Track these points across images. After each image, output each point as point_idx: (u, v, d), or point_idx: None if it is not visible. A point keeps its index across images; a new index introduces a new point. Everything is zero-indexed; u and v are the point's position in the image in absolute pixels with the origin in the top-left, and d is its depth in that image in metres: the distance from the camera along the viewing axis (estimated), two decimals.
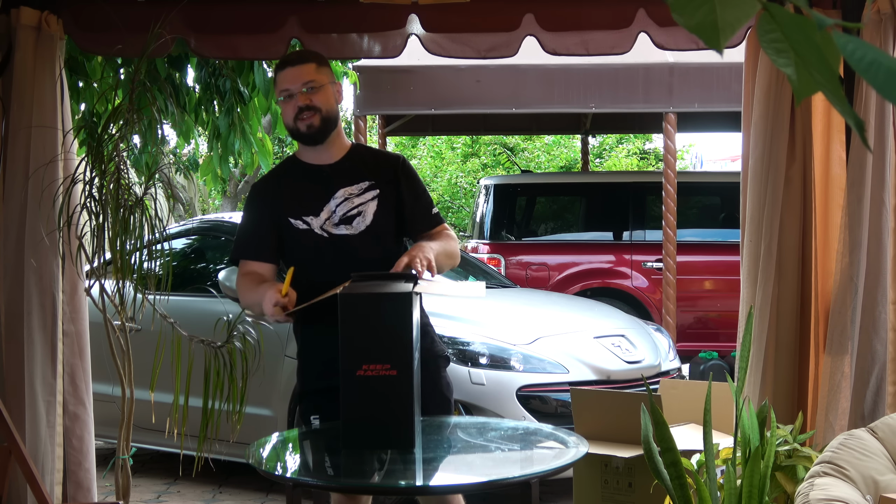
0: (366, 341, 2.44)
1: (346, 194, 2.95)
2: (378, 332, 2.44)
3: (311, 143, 2.98)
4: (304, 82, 2.92)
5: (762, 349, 3.48)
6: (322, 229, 2.92)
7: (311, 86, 2.92)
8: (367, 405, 2.45)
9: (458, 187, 18.71)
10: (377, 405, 2.44)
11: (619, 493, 3.65)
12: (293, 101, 2.92)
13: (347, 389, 2.45)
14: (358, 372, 2.43)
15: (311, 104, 2.92)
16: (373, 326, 2.44)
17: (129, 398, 3.56)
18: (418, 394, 2.49)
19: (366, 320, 2.44)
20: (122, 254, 3.38)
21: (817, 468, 2.61)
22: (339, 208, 2.93)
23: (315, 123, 2.93)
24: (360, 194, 2.96)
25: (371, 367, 2.43)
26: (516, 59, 4.08)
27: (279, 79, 2.97)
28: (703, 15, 0.74)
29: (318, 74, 2.94)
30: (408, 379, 2.42)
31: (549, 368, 4.84)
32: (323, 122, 2.94)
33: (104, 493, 4.53)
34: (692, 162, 22.12)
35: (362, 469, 2.48)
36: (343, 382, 2.45)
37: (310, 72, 2.93)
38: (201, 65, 5.00)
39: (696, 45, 3.74)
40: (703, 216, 9.26)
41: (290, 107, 2.94)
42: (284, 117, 2.98)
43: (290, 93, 2.93)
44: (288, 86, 2.93)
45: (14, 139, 3.54)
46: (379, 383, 2.42)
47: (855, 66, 0.75)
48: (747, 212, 3.56)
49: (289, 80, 2.93)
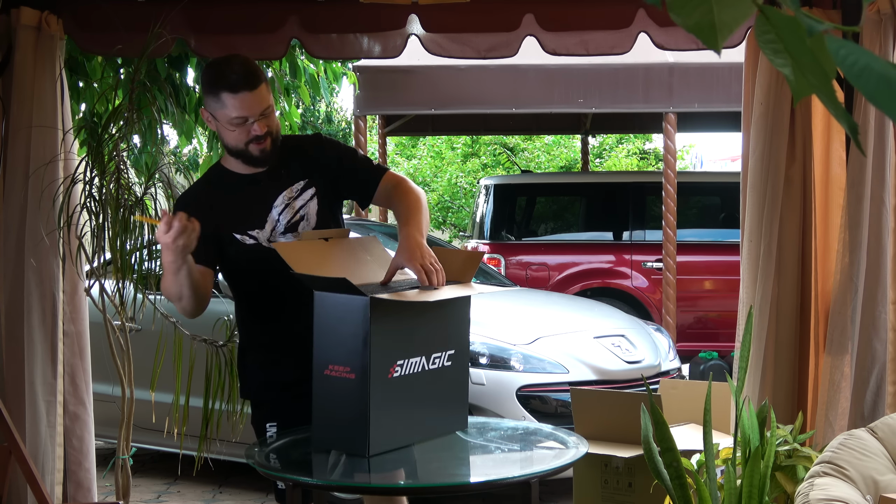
0: (331, 339, 2.43)
1: (286, 200, 2.84)
2: (339, 332, 2.42)
3: (260, 167, 2.85)
4: (262, 109, 2.75)
5: (762, 349, 3.48)
6: (269, 242, 2.81)
7: (268, 112, 2.78)
8: (330, 406, 2.45)
9: (458, 187, 18.70)
10: (337, 407, 2.43)
11: (619, 493, 3.65)
12: (247, 126, 2.75)
13: (317, 387, 2.46)
14: (325, 371, 2.43)
15: (268, 130, 2.78)
16: (339, 328, 2.42)
17: (129, 398, 3.57)
18: (395, 399, 2.43)
19: (335, 320, 2.42)
20: (122, 254, 3.38)
21: (817, 468, 2.61)
22: (282, 217, 2.83)
23: (268, 148, 2.80)
24: (298, 196, 2.86)
25: (335, 369, 2.42)
26: (516, 59, 4.08)
27: (230, 102, 2.73)
28: (701, 15, 0.75)
29: (269, 95, 2.79)
30: (362, 384, 2.36)
31: (549, 368, 4.84)
32: (273, 145, 2.81)
33: (104, 493, 4.53)
34: (692, 162, 22.11)
35: (362, 469, 2.48)
36: (314, 379, 2.46)
37: (265, 96, 2.76)
38: (201, 65, 4.99)
39: (695, 45, 3.73)
40: (703, 216, 9.26)
41: (242, 132, 2.76)
42: (231, 139, 2.79)
43: (245, 120, 2.75)
44: (245, 113, 2.74)
45: (14, 139, 3.54)
46: (339, 385, 2.40)
47: (846, 72, 0.75)
48: (747, 212, 3.56)
49: (246, 107, 2.73)
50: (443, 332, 2.58)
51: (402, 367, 2.46)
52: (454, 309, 2.62)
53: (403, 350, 2.46)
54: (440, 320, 2.58)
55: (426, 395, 2.54)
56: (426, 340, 2.54)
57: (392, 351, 2.43)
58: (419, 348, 2.51)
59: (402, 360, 2.46)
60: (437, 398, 2.58)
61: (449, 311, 2.60)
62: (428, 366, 2.53)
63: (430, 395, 2.55)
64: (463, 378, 2.68)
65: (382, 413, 2.41)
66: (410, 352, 2.48)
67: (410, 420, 2.51)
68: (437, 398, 2.58)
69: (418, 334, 2.53)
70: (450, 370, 2.59)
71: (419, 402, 2.53)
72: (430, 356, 2.54)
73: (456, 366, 2.61)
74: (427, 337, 2.54)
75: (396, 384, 2.44)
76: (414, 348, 2.50)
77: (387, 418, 2.43)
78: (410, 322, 2.50)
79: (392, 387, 2.43)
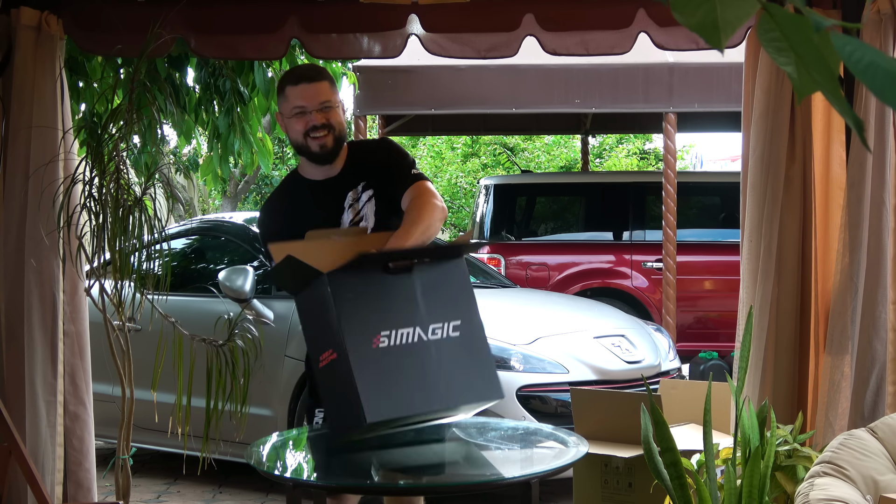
0: (315, 332, 2.46)
1: (350, 200, 2.95)
2: (319, 322, 2.44)
3: (321, 163, 2.95)
4: (322, 102, 2.87)
5: (762, 349, 3.48)
6: None
7: (328, 105, 2.88)
8: (331, 395, 2.46)
9: (458, 187, 18.71)
10: (336, 391, 2.42)
11: (619, 493, 3.65)
12: (306, 117, 2.88)
13: (319, 384, 2.48)
14: (320, 366, 2.44)
15: (327, 122, 2.88)
16: (317, 319, 2.45)
17: (129, 398, 3.56)
18: (379, 369, 2.39)
19: (312, 316, 2.46)
20: (122, 254, 3.38)
21: (817, 468, 2.61)
22: (345, 217, 2.94)
23: (328, 144, 2.90)
24: (360, 196, 2.95)
25: (324, 357, 2.42)
26: (516, 59, 4.08)
27: (292, 93, 2.89)
28: (704, 14, 0.74)
29: (332, 94, 2.91)
30: (344, 359, 2.34)
31: (549, 368, 4.84)
32: (336, 143, 2.92)
33: (104, 493, 4.53)
34: (692, 162, 22.12)
35: (361, 469, 2.48)
36: (317, 379, 2.49)
37: (326, 90, 2.89)
38: (201, 65, 4.99)
39: (696, 44, 3.74)
40: (703, 216, 9.26)
41: (301, 122, 2.88)
42: (292, 132, 2.92)
43: (304, 110, 2.87)
44: (304, 103, 2.87)
45: (14, 139, 3.54)
46: (331, 370, 2.40)
47: (852, 69, 0.75)
48: (747, 212, 3.56)
49: (306, 97, 2.87)
50: (439, 304, 2.52)
51: (388, 338, 2.41)
52: (447, 280, 2.57)
53: (385, 321, 2.41)
54: (432, 291, 2.52)
55: (435, 364, 2.47)
56: (417, 312, 2.47)
57: (370, 321, 2.39)
58: (408, 319, 2.45)
59: (386, 330, 2.41)
60: (451, 367, 2.50)
61: (440, 281, 2.55)
62: (427, 336, 2.46)
63: (441, 364, 2.48)
64: (479, 347, 2.57)
65: (374, 379, 2.35)
66: (397, 322, 2.43)
67: (417, 388, 2.44)
68: (451, 367, 2.50)
69: (401, 305, 2.47)
70: (459, 340, 2.51)
71: (426, 370, 2.46)
72: (426, 327, 2.47)
73: (466, 336, 2.53)
74: (418, 308, 2.48)
75: (386, 353, 2.39)
76: (401, 319, 2.44)
77: (381, 384, 2.37)
78: (383, 291, 2.46)
79: (381, 355, 2.38)
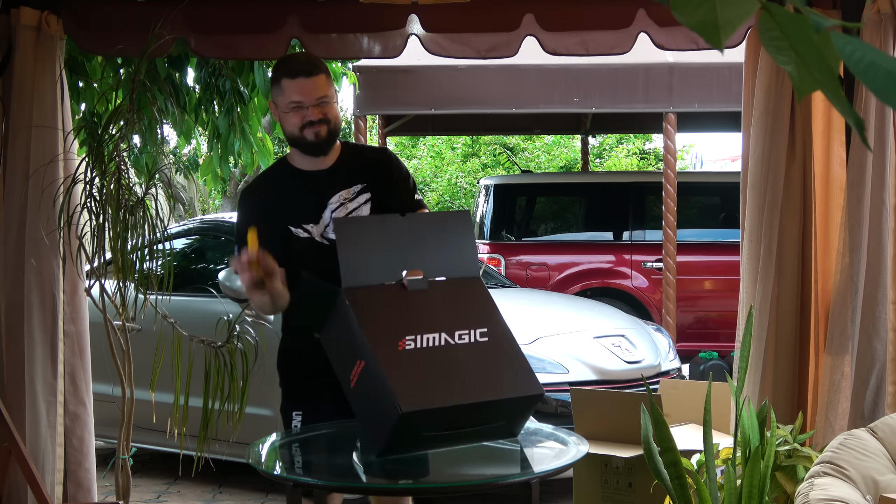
0: (342, 354, 2.47)
1: (342, 199, 2.93)
2: (343, 344, 2.46)
3: (315, 154, 2.94)
4: (319, 97, 2.85)
5: (762, 349, 3.48)
6: (322, 237, 2.90)
7: (325, 101, 2.87)
8: (365, 404, 2.44)
9: (458, 187, 18.71)
10: (369, 398, 2.41)
11: (619, 493, 3.65)
12: (302, 112, 2.86)
13: (353, 406, 2.47)
14: (351, 386, 2.43)
15: (324, 117, 2.87)
16: (339, 344, 2.47)
17: (129, 398, 3.57)
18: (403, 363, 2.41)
19: (334, 347, 2.49)
20: (123, 254, 3.38)
21: (817, 468, 2.61)
22: (335, 214, 2.92)
23: (323, 134, 2.88)
24: (353, 199, 2.94)
25: (353, 373, 2.42)
26: (516, 59, 4.08)
27: (288, 87, 2.86)
28: (704, 13, 0.74)
29: (329, 87, 2.89)
30: (372, 361, 2.36)
31: (549, 368, 4.84)
32: (330, 134, 2.90)
33: (104, 493, 4.53)
34: (692, 162, 22.12)
35: (360, 468, 2.48)
36: (352, 405, 2.48)
37: (323, 85, 2.87)
38: (201, 65, 4.99)
39: (695, 44, 3.74)
40: (703, 216, 9.26)
41: (297, 117, 2.86)
42: (287, 125, 2.90)
43: (301, 105, 2.85)
44: (301, 98, 2.85)
45: (14, 139, 3.54)
46: (362, 383, 2.40)
47: (853, 69, 0.75)
48: (747, 212, 3.56)
49: (303, 92, 2.85)
50: (462, 314, 2.56)
51: (414, 342, 2.43)
52: (466, 295, 2.62)
53: (409, 327, 2.44)
54: (453, 303, 2.57)
55: (466, 362, 2.48)
56: (441, 319, 2.51)
57: (393, 327, 2.42)
58: (433, 325, 2.47)
59: (412, 335, 2.43)
60: (484, 364, 2.52)
61: (460, 295, 2.61)
62: (454, 340, 2.48)
63: (472, 363, 2.49)
64: (511, 348, 2.58)
65: (404, 372, 2.37)
66: (422, 328, 2.45)
67: (451, 380, 2.45)
68: (484, 364, 2.52)
69: (424, 315, 2.50)
70: (488, 344, 2.53)
71: (455, 368, 2.47)
72: (452, 333, 2.49)
73: (495, 340, 2.55)
74: (441, 316, 2.51)
75: (414, 354, 2.41)
76: (425, 325, 2.46)
77: (413, 376, 2.39)
78: (404, 304, 2.50)
79: (408, 355, 2.40)
